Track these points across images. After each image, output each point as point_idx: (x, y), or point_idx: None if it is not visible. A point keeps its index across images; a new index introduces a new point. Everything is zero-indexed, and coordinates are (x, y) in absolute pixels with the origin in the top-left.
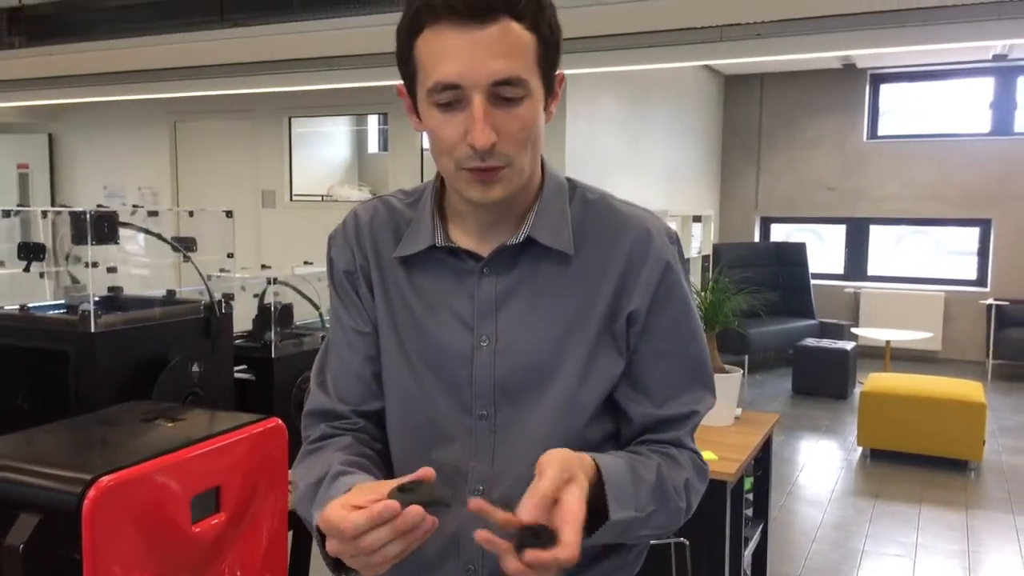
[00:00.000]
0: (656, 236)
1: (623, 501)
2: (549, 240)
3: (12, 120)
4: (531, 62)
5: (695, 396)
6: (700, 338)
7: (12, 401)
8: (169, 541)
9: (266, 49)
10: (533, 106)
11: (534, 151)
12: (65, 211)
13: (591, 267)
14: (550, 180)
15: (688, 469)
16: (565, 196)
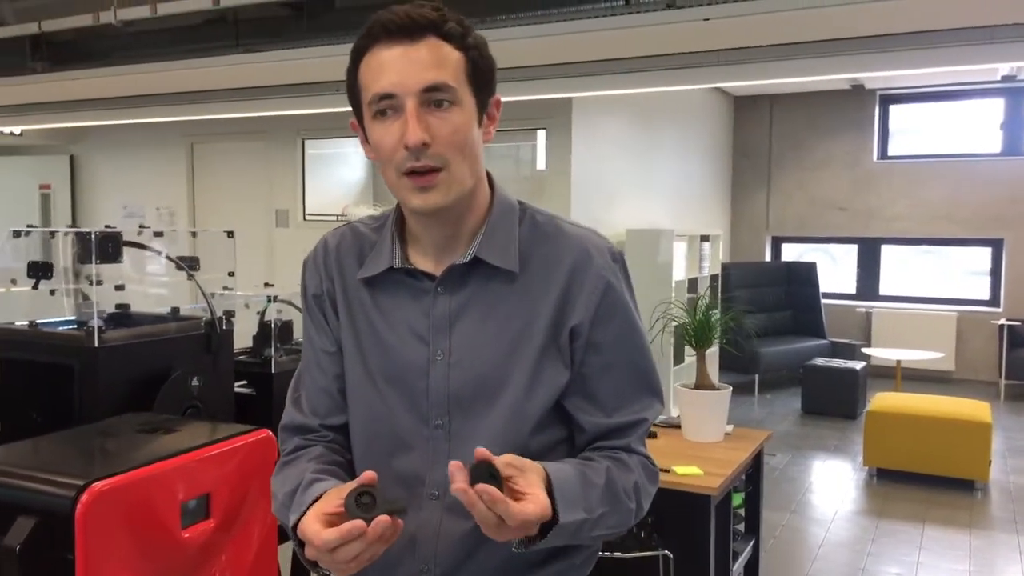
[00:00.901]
0: (596, 255)
1: (571, 504)
2: (496, 259)
3: (35, 142)
4: (460, 75)
5: (643, 404)
6: (645, 350)
7: (26, 414)
8: (160, 545)
9: (279, 73)
10: (464, 115)
11: (471, 160)
12: (72, 231)
13: (536, 285)
14: (499, 202)
15: (637, 472)
16: (514, 217)
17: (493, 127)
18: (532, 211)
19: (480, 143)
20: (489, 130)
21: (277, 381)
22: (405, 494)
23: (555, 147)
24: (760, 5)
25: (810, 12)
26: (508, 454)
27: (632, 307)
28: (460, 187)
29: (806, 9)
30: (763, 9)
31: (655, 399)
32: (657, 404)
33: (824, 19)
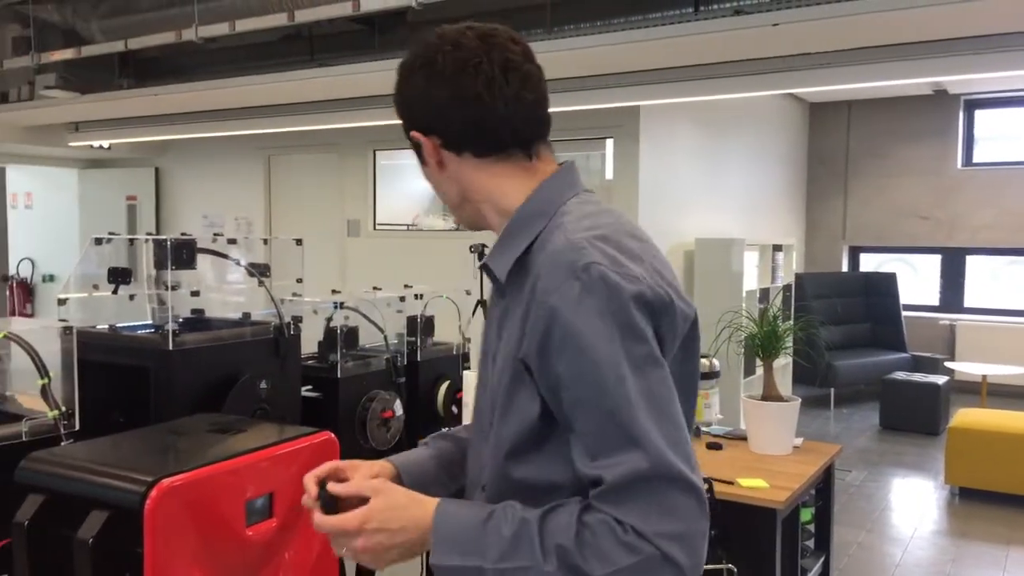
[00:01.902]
0: (547, 274)
1: (448, 548)
2: (495, 266)
3: (123, 155)
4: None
5: (611, 459)
6: (613, 390)
7: (106, 413)
8: (224, 542)
9: (352, 86)
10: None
11: (443, 197)
12: (151, 239)
13: (514, 301)
14: (522, 211)
15: (585, 534)
16: (536, 225)
17: (435, 155)
18: (563, 217)
19: (434, 176)
20: (431, 160)
21: (343, 386)
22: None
23: (623, 156)
24: (831, 9)
25: (885, 15)
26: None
27: (592, 336)
28: (456, 215)
29: (879, 12)
30: (835, 13)
31: (631, 451)
32: (632, 457)
33: (902, 22)
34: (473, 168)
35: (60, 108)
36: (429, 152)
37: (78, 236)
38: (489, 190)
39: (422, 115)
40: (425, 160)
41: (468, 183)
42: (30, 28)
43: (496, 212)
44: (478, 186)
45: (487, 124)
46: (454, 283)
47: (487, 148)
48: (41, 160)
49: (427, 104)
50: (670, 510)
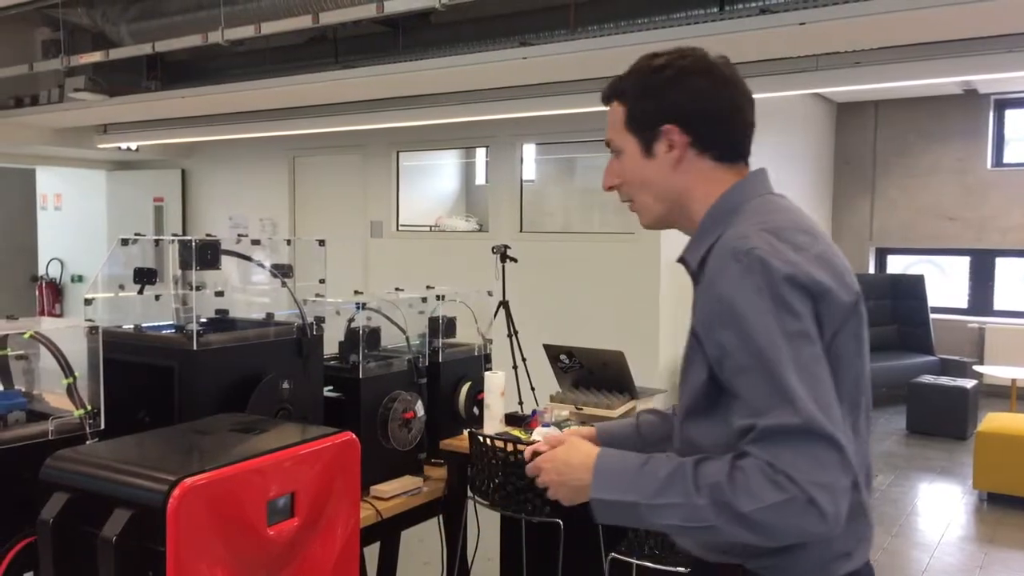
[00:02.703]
0: (715, 258)
1: (607, 484)
2: (689, 257)
3: (150, 157)
4: (619, 127)
5: (763, 414)
6: (767, 357)
7: (132, 413)
8: (246, 540)
9: (376, 88)
10: (628, 157)
11: (650, 190)
12: (176, 240)
13: (700, 291)
14: (714, 210)
15: (738, 474)
16: (725, 222)
17: (680, 148)
18: (742, 215)
19: (659, 170)
20: (673, 154)
21: (365, 387)
22: None
23: None
24: (859, 8)
25: (913, 13)
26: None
27: (750, 310)
28: (651, 212)
29: (908, 11)
30: (863, 12)
31: (784, 408)
32: (785, 412)
33: (931, 20)
34: (707, 170)
35: (89, 110)
36: (676, 147)
37: (106, 237)
38: (712, 193)
39: (687, 112)
40: (652, 152)
41: (696, 183)
42: (60, 31)
43: (702, 211)
44: (704, 188)
45: (739, 135)
46: (477, 284)
47: (729, 155)
48: (70, 162)
49: (699, 104)
50: (818, 462)
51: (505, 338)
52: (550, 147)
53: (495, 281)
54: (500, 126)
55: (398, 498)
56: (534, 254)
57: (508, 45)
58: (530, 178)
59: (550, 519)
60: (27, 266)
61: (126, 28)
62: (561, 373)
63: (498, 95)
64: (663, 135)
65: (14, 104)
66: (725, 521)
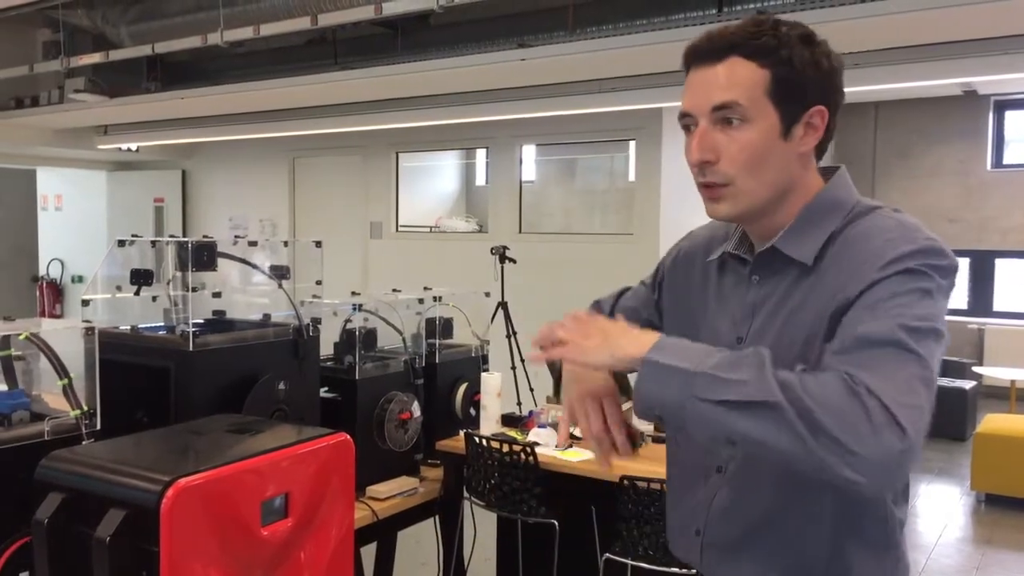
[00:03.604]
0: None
1: (667, 352)
2: (791, 249)
3: (150, 158)
4: (756, 92)
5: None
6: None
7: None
8: (240, 541)
9: (375, 89)
10: (756, 131)
11: (764, 174)
12: (173, 241)
13: (825, 280)
14: (820, 199)
15: (814, 376)
16: (837, 215)
17: (813, 137)
18: (865, 214)
19: (785, 155)
20: (806, 140)
21: (361, 388)
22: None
23: (645, 158)
24: (856, 10)
25: (912, 15)
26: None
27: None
28: (749, 199)
29: (907, 13)
30: (860, 14)
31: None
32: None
33: (930, 22)
34: (808, 156)
35: (89, 111)
36: (815, 133)
37: (106, 237)
38: (810, 185)
39: (838, 99)
40: (791, 134)
41: (804, 174)
42: (60, 33)
43: (799, 206)
44: (808, 179)
45: (834, 122)
46: (476, 285)
47: (825, 147)
48: (71, 162)
49: (842, 93)
50: (907, 384)
51: (504, 339)
52: (549, 148)
53: (494, 282)
54: (499, 127)
55: (395, 499)
56: (533, 255)
57: (507, 46)
58: (530, 179)
59: (546, 520)
60: (28, 267)
61: (126, 29)
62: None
63: (497, 96)
64: (808, 117)
65: (15, 105)
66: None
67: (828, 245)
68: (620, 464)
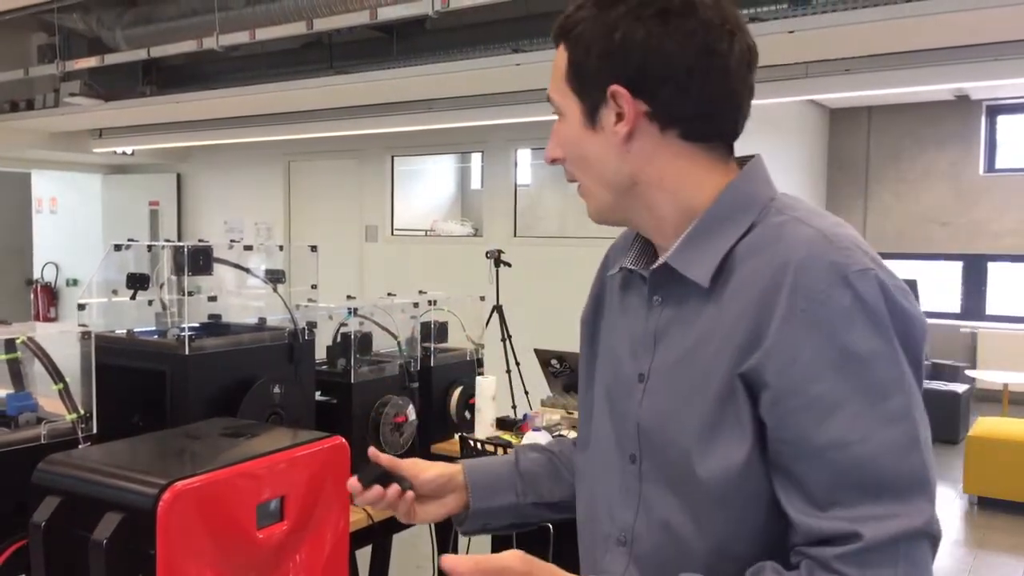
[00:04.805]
0: (801, 270)
1: None
2: (683, 266)
3: (146, 161)
4: (560, 81)
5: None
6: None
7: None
8: (236, 544)
9: (371, 93)
10: (567, 125)
11: (589, 170)
12: (169, 245)
13: (728, 308)
14: (721, 202)
15: None
16: (742, 219)
17: (621, 125)
18: (778, 212)
19: (602, 147)
20: (615, 129)
21: (356, 391)
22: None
23: None
24: (847, 16)
25: (904, 21)
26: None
27: (875, 360)
28: (596, 201)
29: (899, 19)
30: (851, 20)
31: (909, 501)
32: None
33: (920, 29)
34: (672, 151)
35: (85, 115)
36: (625, 117)
37: (101, 241)
38: (681, 180)
39: (642, 70)
40: (597, 123)
41: (657, 167)
42: (56, 36)
43: (676, 207)
44: (670, 173)
45: (719, 105)
46: (471, 288)
47: (702, 133)
48: (66, 165)
49: (658, 60)
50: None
51: (499, 342)
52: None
53: (489, 285)
54: (495, 131)
55: None
56: (529, 258)
57: (502, 51)
58: (525, 182)
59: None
60: (22, 270)
61: (121, 33)
62: (552, 378)
63: (493, 100)
64: (610, 99)
65: (9, 108)
66: None
67: (729, 260)
68: None
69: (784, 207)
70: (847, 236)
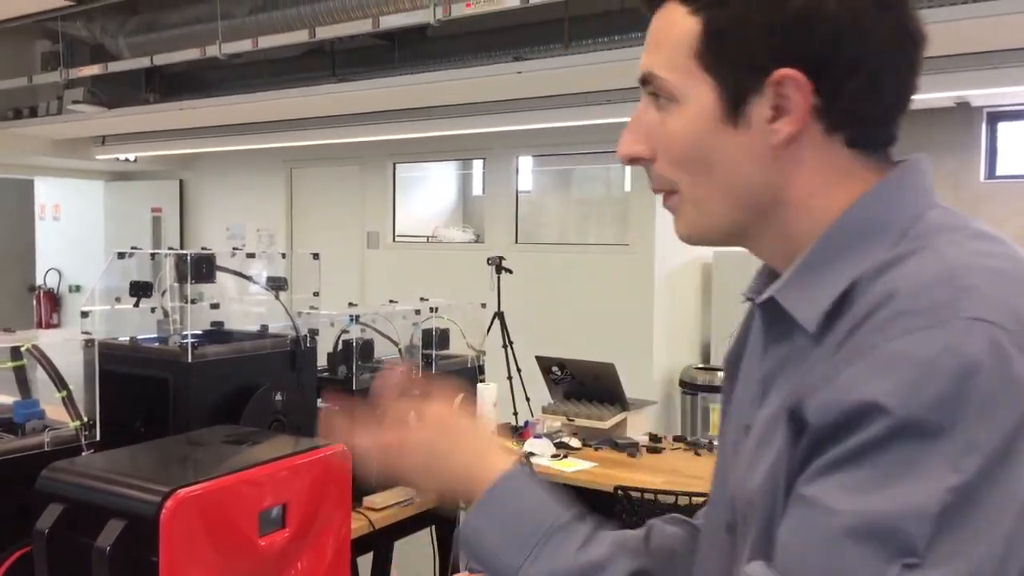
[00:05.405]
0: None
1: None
2: (790, 302)
3: (148, 168)
4: (681, 54)
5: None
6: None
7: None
8: (238, 551)
9: (373, 100)
10: (685, 115)
11: (713, 179)
12: (172, 253)
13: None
14: (843, 224)
15: None
16: (872, 247)
17: (786, 124)
18: (917, 237)
19: (744, 150)
20: (778, 126)
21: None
22: None
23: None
24: None
25: None
26: None
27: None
28: (707, 218)
29: None
30: None
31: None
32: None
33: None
34: (833, 162)
35: (88, 122)
36: (792, 113)
37: (104, 247)
38: (834, 199)
39: (831, 52)
40: (741, 117)
41: (807, 180)
42: (59, 44)
43: (809, 230)
44: (821, 189)
45: (903, 104)
46: (473, 295)
47: (874, 139)
48: (69, 172)
49: (854, 39)
50: None
51: (500, 349)
52: (545, 159)
53: (490, 292)
54: (496, 138)
55: (391, 508)
56: (530, 265)
57: (504, 59)
58: (526, 189)
59: None
60: (25, 276)
61: (125, 41)
62: (553, 385)
63: (494, 108)
64: (771, 87)
65: (13, 116)
66: None
67: (848, 301)
68: (615, 474)
69: (928, 231)
70: (985, 275)
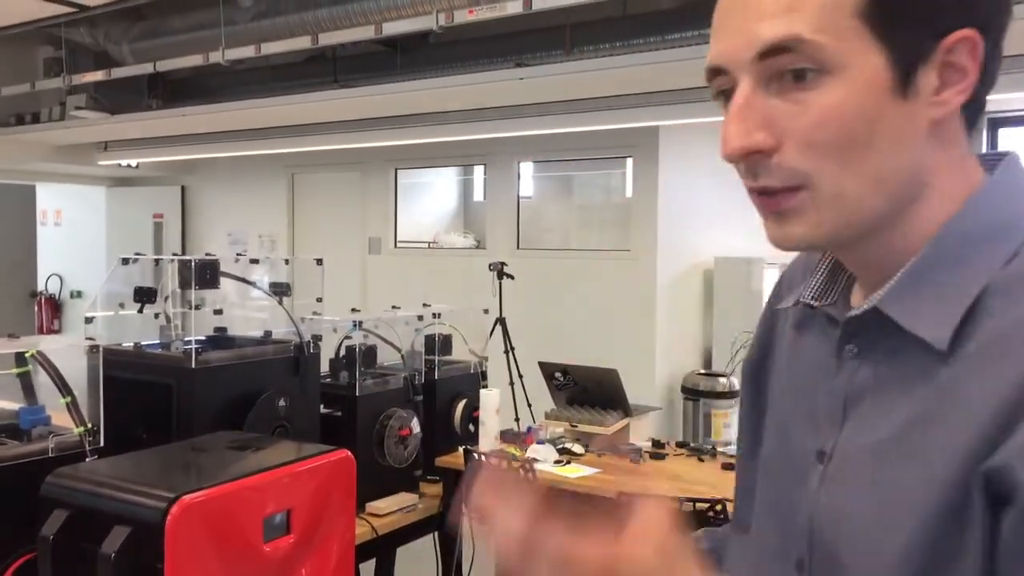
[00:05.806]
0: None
1: None
2: (907, 319)
3: (150, 174)
4: (840, 15)
5: None
6: None
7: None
8: (242, 557)
9: (375, 106)
10: (847, 86)
11: (865, 164)
12: (176, 259)
13: (973, 374)
14: (961, 220)
15: None
16: (1000, 248)
17: (960, 88)
18: None
19: (907, 126)
20: (945, 97)
21: (361, 404)
22: None
23: (642, 175)
24: None
25: None
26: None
27: None
28: (845, 212)
29: None
30: None
31: None
32: None
33: None
34: (961, 144)
35: (90, 128)
36: (966, 80)
37: (105, 253)
38: (956, 187)
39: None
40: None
41: (948, 163)
42: (62, 50)
43: (925, 228)
44: (946, 173)
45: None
46: (474, 301)
47: (977, 116)
48: (70, 178)
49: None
50: None
51: (502, 355)
52: (547, 164)
53: (492, 298)
54: (497, 144)
55: (394, 515)
56: (531, 271)
57: (505, 65)
58: (527, 195)
59: None
60: (26, 281)
61: (128, 47)
62: (556, 390)
63: (495, 114)
64: (946, 53)
65: (15, 122)
66: None
67: (979, 311)
68: (617, 480)
69: None
70: None
